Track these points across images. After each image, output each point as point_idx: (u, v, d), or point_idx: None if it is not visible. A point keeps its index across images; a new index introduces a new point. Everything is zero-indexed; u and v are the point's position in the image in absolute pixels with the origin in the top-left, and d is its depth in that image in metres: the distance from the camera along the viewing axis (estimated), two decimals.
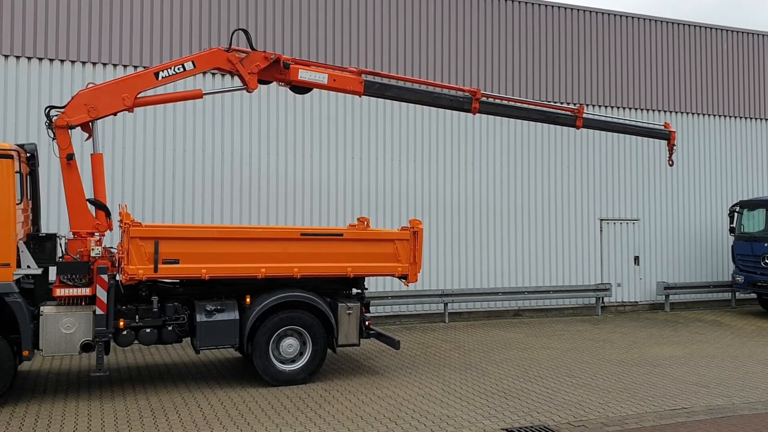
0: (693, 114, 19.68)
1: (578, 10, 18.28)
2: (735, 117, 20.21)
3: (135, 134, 14.23)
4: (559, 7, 18.07)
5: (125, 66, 14.16)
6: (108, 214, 10.04)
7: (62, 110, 9.80)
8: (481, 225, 17.03)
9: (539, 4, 17.83)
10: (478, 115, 12.81)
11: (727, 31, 20.18)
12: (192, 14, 14.70)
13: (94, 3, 14.04)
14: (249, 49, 10.73)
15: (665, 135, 13.89)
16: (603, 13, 18.63)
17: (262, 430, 7.99)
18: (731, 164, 20.17)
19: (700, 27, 19.85)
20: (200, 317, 9.68)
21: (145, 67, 13.28)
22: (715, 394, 9.83)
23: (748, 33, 20.44)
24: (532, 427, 8.21)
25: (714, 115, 19.94)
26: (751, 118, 20.39)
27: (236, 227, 12.78)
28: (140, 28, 14.32)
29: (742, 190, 20.20)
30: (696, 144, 19.72)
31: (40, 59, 13.70)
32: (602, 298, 18.10)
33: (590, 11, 18.45)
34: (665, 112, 19.23)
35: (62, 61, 13.83)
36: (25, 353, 8.81)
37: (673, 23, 19.46)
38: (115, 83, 10.19)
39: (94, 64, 14.04)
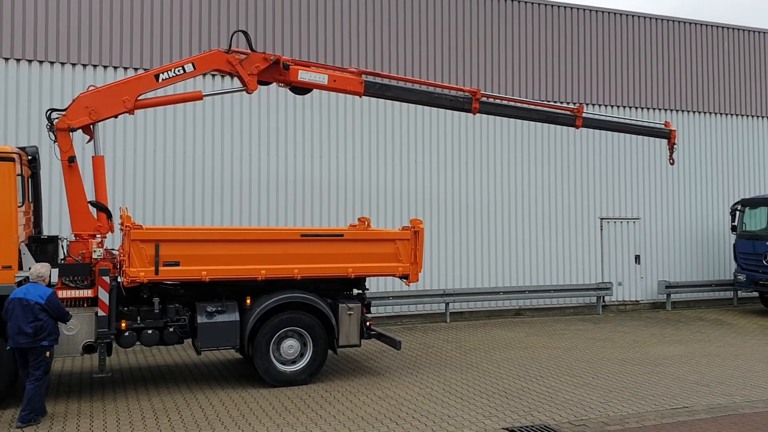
0: (693, 112, 19.67)
1: (578, 8, 18.27)
2: (736, 115, 20.18)
3: (136, 136, 14.26)
4: (558, 6, 18.07)
5: (126, 68, 14.19)
6: (109, 216, 10.10)
7: (63, 113, 9.85)
8: (481, 224, 17.03)
9: (539, 4, 17.83)
10: (478, 115, 12.84)
11: (729, 29, 20.16)
12: (192, 16, 14.73)
13: (94, 6, 14.08)
14: (249, 51, 10.76)
15: (665, 134, 13.91)
16: (603, 12, 18.62)
17: (264, 431, 8.01)
18: (732, 162, 20.14)
19: (702, 25, 19.83)
20: (201, 318, 9.72)
21: (145, 70, 13.32)
22: (716, 392, 9.84)
23: (749, 31, 20.43)
24: (533, 426, 8.23)
25: (715, 113, 19.92)
26: (752, 116, 20.36)
27: (236, 229, 12.81)
28: (140, 31, 14.35)
29: (744, 188, 20.17)
30: (697, 142, 19.69)
31: (41, 62, 13.73)
32: (603, 297, 18.10)
33: (590, 10, 18.44)
34: (666, 110, 19.22)
35: (63, 63, 13.87)
36: None
37: (674, 21, 19.44)
38: (115, 86, 10.23)
39: (94, 66, 14.07)
